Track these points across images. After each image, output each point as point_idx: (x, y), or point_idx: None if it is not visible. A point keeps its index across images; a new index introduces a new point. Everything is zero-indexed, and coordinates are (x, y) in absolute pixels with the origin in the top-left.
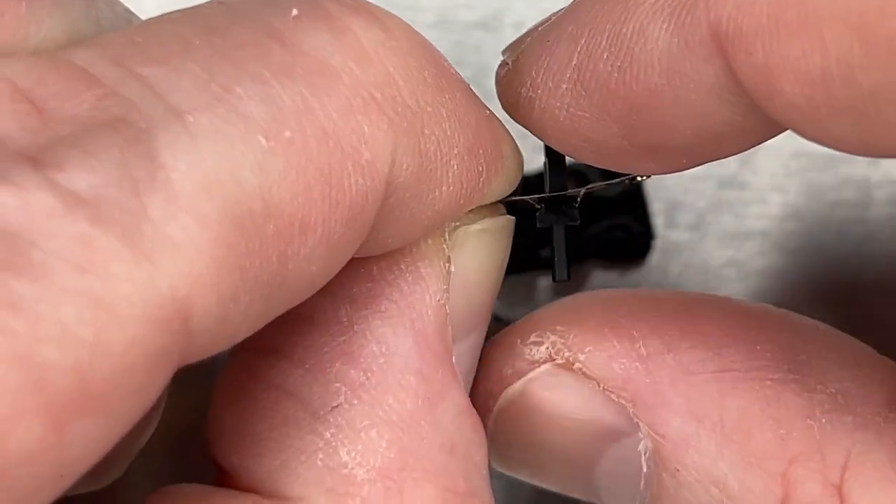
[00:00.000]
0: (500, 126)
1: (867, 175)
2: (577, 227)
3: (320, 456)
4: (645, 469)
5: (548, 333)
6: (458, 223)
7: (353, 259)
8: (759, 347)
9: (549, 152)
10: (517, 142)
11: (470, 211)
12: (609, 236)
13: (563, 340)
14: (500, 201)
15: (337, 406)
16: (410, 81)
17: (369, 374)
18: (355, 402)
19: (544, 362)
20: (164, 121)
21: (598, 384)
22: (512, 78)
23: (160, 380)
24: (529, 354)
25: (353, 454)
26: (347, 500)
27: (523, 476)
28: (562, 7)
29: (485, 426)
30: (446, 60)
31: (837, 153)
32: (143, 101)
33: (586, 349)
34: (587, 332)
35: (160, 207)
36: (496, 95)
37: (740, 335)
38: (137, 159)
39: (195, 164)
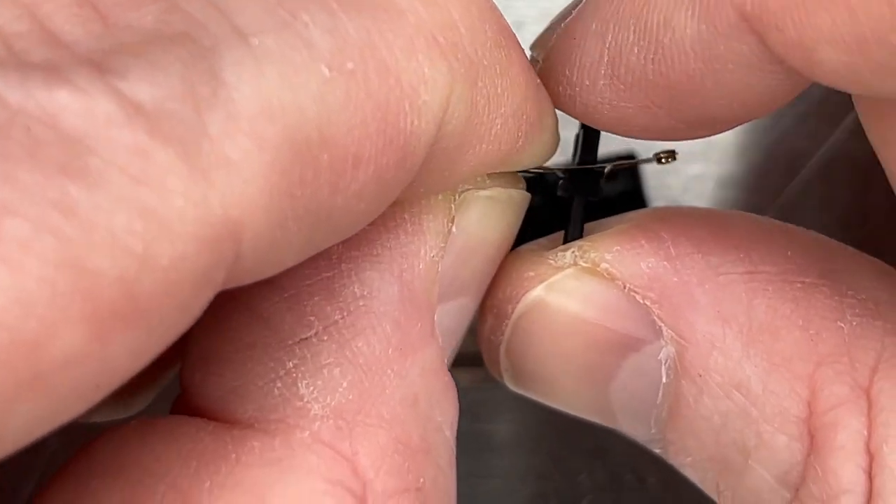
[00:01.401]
0: (546, 98)
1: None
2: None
3: (278, 384)
4: (664, 379)
5: (577, 242)
6: (470, 186)
7: None
8: (789, 253)
9: (586, 129)
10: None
11: (488, 178)
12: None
13: (589, 244)
14: (524, 172)
15: (306, 339)
16: (472, 30)
17: (345, 314)
18: (325, 338)
19: (569, 267)
20: (229, 41)
21: (624, 285)
22: (547, 77)
23: (203, 299)
24: (554, 259)
25: (312, 388)
26: (296, 431)
27: (535, 393)
28: (562, 5)
29: (502, 333)
30: (505, 20)
31: None
32: (208, 20)
33: (614, 248)
34: (614, 235)
35: (220, 126)
36: None
37: (772, 241)
38: (201, 75)
39: (258, 86)
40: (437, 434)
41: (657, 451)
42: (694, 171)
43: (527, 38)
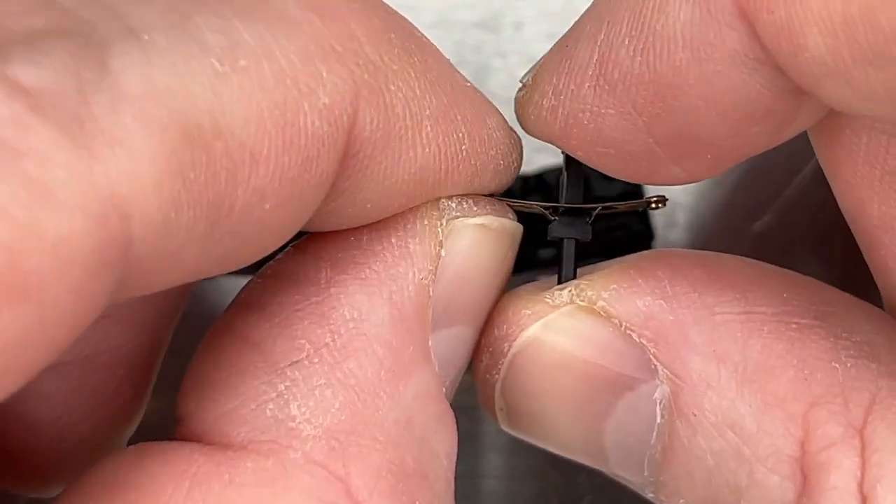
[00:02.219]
0: (483, 100)
1: None
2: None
3: (270, 406)
4: (659, 419)
5: (574, 282)
6: (459, 214)
7: (342, 230)
8: (785, 295)
9: (569, 164)
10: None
11: (476, 205)
12: (609, 236)
13: (586, 282)
14: (511, 205)
15: (297, 361)
16: (373, 39)
17: (336, 336)
18: (316, 360)
19: (565, 305)
20: (119, 35)
21: (620, 324)
22: (532, 92)
23: (101, 285)
24: (551, 298)
25: (304, 410)
26: (289, 451)
27: (529, 433)
28: (562, 6)
29: (497, 371)
30: (419, 31)
31: None
32: (101, 21)
33: (610, 287)
34: (612, 273)
35: (105, 106)
36: (515, 115)
37: (768, 283)
38: (87, 62)
39: (145, 73)
40: (432, 459)
41: (649, 495)
42: None
43: (527, 38)
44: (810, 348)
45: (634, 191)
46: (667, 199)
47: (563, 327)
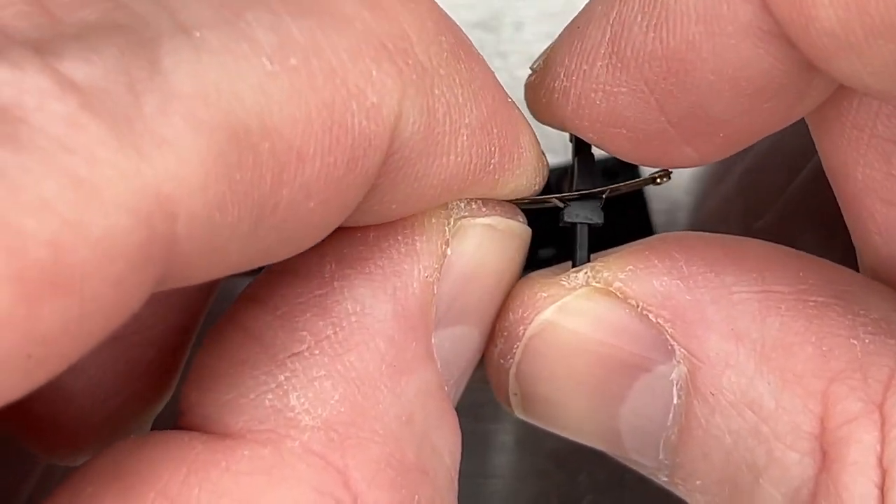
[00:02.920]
0: (521, 117)
1: None
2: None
3: (269, 396)
4: (675, 400)
5: (590, 264)
6: (466, 213)
7: (349, 227)
8: (802, 274)
9: (579, 150)
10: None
11: (484, 206)
12: (610, 234)
13: (602, 264)
14: (523, 200)
15: (298, 353)
16: (424, 40)
17: (337, 329)
18: (317, 352)
19: (581, 287)
20: (171, 32)
21: (636, 305)
22: (543, 75)
23: (143, 279)
24: (566, 281)
25: (303, 400)
26: (287, 441)
27: (542, 419)
28: (562, 6)
29: (512, 356)
30: (468, 38)
31: None
32: (151, 15)
33: (626, 268)
34: (627, 255)
35: (154, 106)
36: (525, 103)
37: (785, 263)
38: (138, 60)
39: (195, 72)
40: (434, 456)
41: (662, 480)
42: (695, 172)
43: (527, 38)
44: (829, 325)
45: (636, 190)
46: (671, 172)
47: (579, 309)
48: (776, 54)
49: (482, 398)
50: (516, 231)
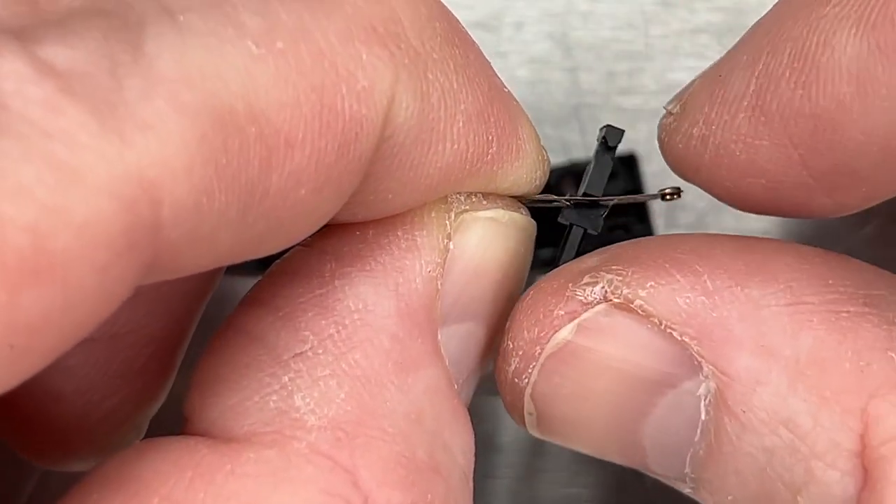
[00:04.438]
0: (519, 108)
1: None
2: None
3: (274, 398)
4: (703, 416)
5: (603, 273)
6: (467, 207)
7: (348, 225)
8: (830, 282)
9: (599, 154)
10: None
11: (485, 199)
12: (609, 236)
13: (620, 278)
14: (527, 197)
15: (301, 353)
16: (417, 25)
17: (340, 328)
18: (320, 351)
19: (599, 303)
20: (155, 16)
21: (660, 323)
22: (681, 121)
23: (128, 268)
24: (583, 295)
25: (308, 401)
26: (293, 442)
27: (560, 437)
28: (562, 6)
29: (527, 376)
30: (463, 27)
31: None
32: (137, 1)
33: (647, 285)
34: (647, 268)
35: (137, 90)
36: (659, 149)
37: (810, 271)
38: (120, 44)
39: (179, 56)
40: (445, 454)
41: (687, 491)
42: None
43: (527, 38)
44: (864, 338)
45: (635, 190)
46: (682, 191)
47: (598, 327)
48: None
49: (481, 398)
50: (520, 224)
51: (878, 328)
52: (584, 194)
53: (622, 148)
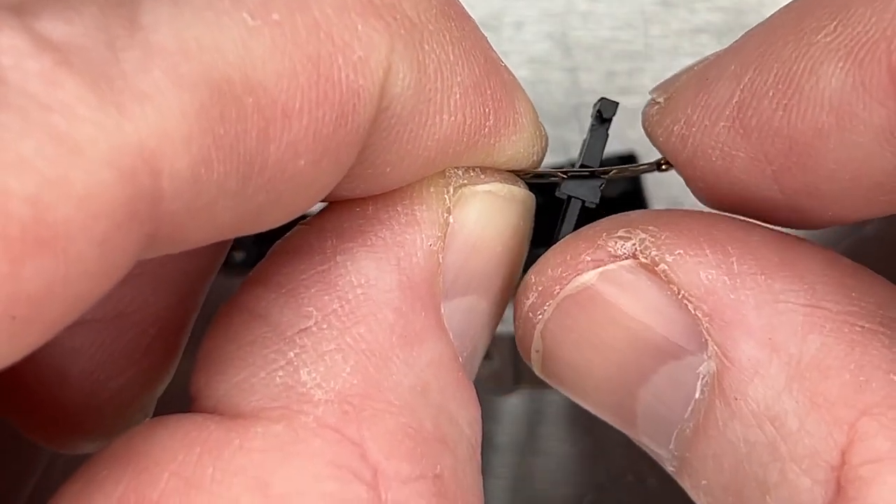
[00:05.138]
0: (516, 83)
1: None
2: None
3: (280, 374)
4: (697, 395)
5: (638, 231)
6: (465, 181)
7: (347, 202)
8: (854, 294)
9: (594, 127)
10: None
11: (483, 173)
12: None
13: (652, 239)
14: (525, 172)
15: (305, 329)
16: None
17: (343, 303)
18: (325, 326)
19: (626, 258)
20: None
21: (678, 291)
22: (664, 116)
23: (129, 239)
24: (613, 247)
25: (314, 375)
26: (301, 416)
27: (560, 382)
28: (562, 6)
29: (542, 312)
30: (461, 4)
31: None
32: None
33: (676, 251)
34: (681, 236)
35: (134, 63)
36: (642, 127)
37: (837, 279)
38: (117, 18)
39: (176, 28)
40: (452, 426)
41: (670, 469)
42: None
43: (527, 38)
44: (871, 355)
45: (636, 190)
46: None
47: (620, 280)
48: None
49: (481, 398)
50: (518, 197)
51: (887, 349)
52: (582, 166)
53: (622, 147)
